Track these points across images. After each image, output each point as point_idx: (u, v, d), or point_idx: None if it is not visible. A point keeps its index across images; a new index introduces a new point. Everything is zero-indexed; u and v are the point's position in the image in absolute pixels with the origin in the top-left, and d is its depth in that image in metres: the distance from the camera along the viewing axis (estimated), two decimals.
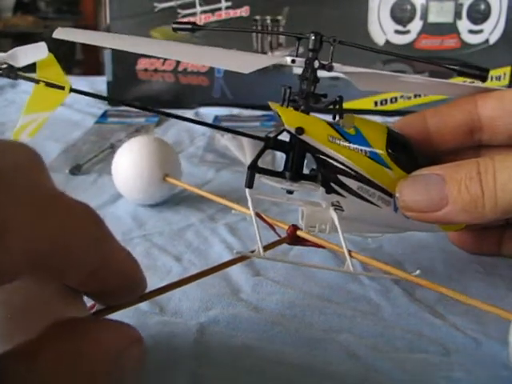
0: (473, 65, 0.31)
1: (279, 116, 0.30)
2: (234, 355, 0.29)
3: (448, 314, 0.32)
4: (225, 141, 0.63)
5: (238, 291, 0.34)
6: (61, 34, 0.34)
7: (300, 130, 0.30)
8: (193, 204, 0.46)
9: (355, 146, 0.31)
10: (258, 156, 0.31)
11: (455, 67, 0.30)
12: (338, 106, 0.32)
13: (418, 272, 0.30)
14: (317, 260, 0.37)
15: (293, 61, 0.31)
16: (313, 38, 0.30)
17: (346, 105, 0.32)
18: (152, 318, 0.31)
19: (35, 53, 0.31)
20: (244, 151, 0.58)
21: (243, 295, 0.34)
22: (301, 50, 0.32)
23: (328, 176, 0.31)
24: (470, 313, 0.32)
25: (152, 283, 0.35)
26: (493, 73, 0.76)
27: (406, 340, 0.30)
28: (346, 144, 0.31)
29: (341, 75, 0.32)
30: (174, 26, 0.34)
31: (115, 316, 0.28)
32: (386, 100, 0.76)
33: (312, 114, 0.31)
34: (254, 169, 0.31)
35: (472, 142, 0.35)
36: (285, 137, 0.31)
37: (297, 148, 0.31)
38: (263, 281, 0.35)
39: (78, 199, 0.22)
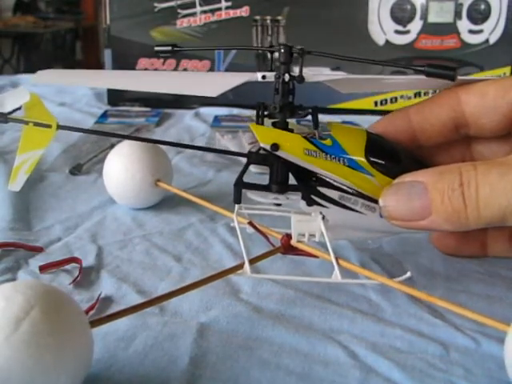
0: (439, 64, 0.30)
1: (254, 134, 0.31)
2: (233, 355, 0.29)
3: (448, 314, 0.32)
4: (225, 141, 0.63)
5: (237, 291, 0.34)
6: (41, 76, 0.35)
7: (275, 147, 0.30)
8: (193, 204, 0.46)
9: (332, 156, 0.31)
10: (243, 172, 0.32)
11: (422, 68, 0.30)
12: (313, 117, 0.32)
13: (408, 274, 0.30)
14: (314, 266, 0.37)
15: (263, 76, 0.31)
16: (282, 51, 0.30)
17: (346, 105, 0.32)
18: (152, 318, 0.31)
19: (19, 97, 0.33)
20: (244, 151, 0.58)
21: (243, 295, 0.34)
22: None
23: (308, 189, 0.31)
24: None
25: (152, 283, 0.35)
26: (493, 73, 0.76)
27: (406, 340, 0.30)
28: (323, 156, 0.31)
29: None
30: (157, 49, 0.34)
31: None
32: (385, 100, 0.76)
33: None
34: (239, 185, 0.31)
35: (459, 136, 0.35)
36: None
37: (277, 162, 0.31)
38: (263, 281, 0.35)
39: (78, 199, 0.22)
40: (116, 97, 0.79)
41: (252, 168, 0.33)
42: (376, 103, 0.76)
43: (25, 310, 0.23)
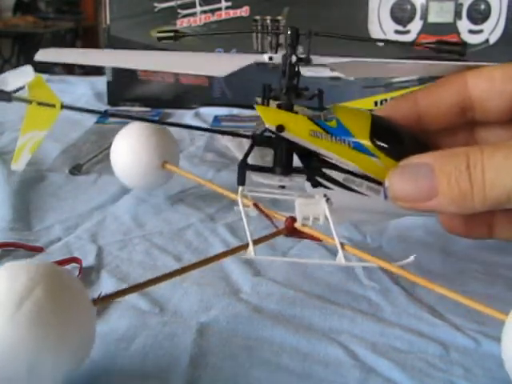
0: (449, 41, 0.30)
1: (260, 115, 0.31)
2: (233, 355, 0.29)
3: (448, 314, 0.32)
4: (225, 141, 0.63)
5: (237, 291, 0.34)
6: (43, 55, 0.35)
7: (280, 128, 0.30)
8: (192, 204, 0.46)
9: (338, 138, 0.31)
10: (247, 154, 0.32)
11: (432, 45, 0.30)
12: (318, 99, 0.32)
13: (411, 258, 0.30)
14: (314, 258, 0.37)
15: (270, 58, 0.31)
16: (289, 32, 0.30)
17: (346, 105, 0.32)
18: (152, 318, 0.31)
19: (23, 76, 0.32)
20: (244, 151, 0.58)
21: (243, 295, 0.34)
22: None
23: (313, 170, 0.31)
24: (470, 313, 0.32)
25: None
26: None
27: (406, 340, 0.30)
28: (328, 137, 0.31)
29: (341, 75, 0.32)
30: (158, 35, 0.35)
31: (115, 312, 0.28)
32: (386, 100, 0.76)
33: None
34: (243, 167, 0.31)
35: (465, 120, 0.35)
36: None
37: (282, 144, 0.31)
38: (263, 281, 0.35)
39: (78, 199, 0.22)
40: (116, 97, 0.78)
41: (251, 160, 0.33)
42: (376, 103, 0.76)
43: (28, 288, 0.23)
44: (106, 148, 0.58)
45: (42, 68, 0.43)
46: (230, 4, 0.75)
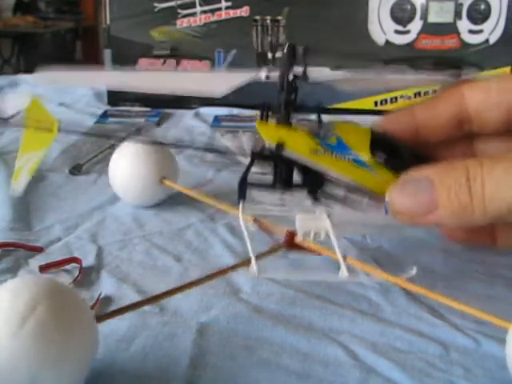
0: (446, 62, 0.31)
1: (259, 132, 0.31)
2: (233, 355, 0.29)
3: (448, 314, 0.32)
4: (225, 141, 0.63)
5: (237, 291, 0.34)
6: (40, 78, 0.35)
7: (280, 145, 0.30)
8: (193, 204, 0.46)
9: (338, 154, 0.31)
10: (247, 170, 0.32)
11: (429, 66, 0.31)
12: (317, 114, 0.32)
13: (414, 270, 0.30)
14: (315, 263, 0.37)
15: (267, 77, 0.31)
16: (286, 50, 0.30)
17: (346, 105, 0.32)
18: (152, 318, 0.31)
19: (19, 101, 0.32)
20: (244, 151, 0.58)
21: (243, 295, 0.34)
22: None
23: (313, 186, 0.32)
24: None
25: (152, 283, 0.35)
26: (493, 73, 0.76)
27: (406, 340, 0.30)
28: (329, 153, 0.31)
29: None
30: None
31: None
32: (386, 100, 0.76)
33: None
34: (244, 182, 0.32)
35: (463, 132, 0.35)
36: None
37: (282, 160, 0.31)
38: (263, 281, 0.35)
39: (78, 199, 0.22)
40: (116, 97, 0.78)
41: (252, 168, 0.33)
42: (376, 103, 0.76)
43: (31, 306, 0.23)
44: (106, 148, 0.58)
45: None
46: (229, 4, 0.75)
